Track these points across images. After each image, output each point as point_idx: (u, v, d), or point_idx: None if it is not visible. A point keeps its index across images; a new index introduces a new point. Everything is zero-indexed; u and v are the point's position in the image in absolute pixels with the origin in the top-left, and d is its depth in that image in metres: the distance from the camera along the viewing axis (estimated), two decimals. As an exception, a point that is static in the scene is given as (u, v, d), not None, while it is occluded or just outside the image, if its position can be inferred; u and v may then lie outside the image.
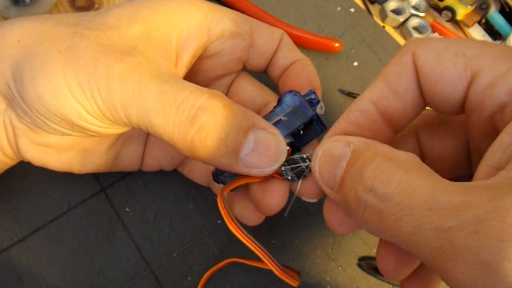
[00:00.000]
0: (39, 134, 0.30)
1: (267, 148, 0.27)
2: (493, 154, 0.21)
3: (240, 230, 0.27)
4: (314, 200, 0.29)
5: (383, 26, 0.52)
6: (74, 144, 0.33)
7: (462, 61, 0.23)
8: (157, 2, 0.31)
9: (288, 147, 0.28)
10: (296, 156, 0.29)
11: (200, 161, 0.27)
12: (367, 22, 0.51)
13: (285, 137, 0.29)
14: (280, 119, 0.29)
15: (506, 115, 0.21)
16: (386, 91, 0.25)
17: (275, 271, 0.28)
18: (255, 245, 0.27)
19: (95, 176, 0.39)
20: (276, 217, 0.30)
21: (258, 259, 0.33)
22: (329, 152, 0.25)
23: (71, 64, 0.26)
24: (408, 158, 0.22)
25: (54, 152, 0.32)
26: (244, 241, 0.27)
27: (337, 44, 0.47)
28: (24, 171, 0.39)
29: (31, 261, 0.36)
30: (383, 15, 0.52)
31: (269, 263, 0.28)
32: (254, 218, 0.33)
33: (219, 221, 0.39)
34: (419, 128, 0.30)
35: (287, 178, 0.29)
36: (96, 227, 0.38)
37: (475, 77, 0.22)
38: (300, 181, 0.29)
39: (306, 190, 0.29)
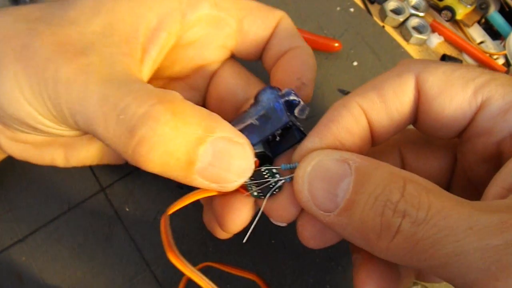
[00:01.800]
0: (13, 132, 0.29)
1: (229, 161, 0.23)
2: (505, 177, 0.21)
3: (181, 259, 0.24)
4: (284, 224, 0.26)
5: (383, 26, 0.52)
6: (52, 141, 0.32)
7: (472, 86, 0.23)
8: None
9: (256, 159, 0.25)
10: (263, 169, 0.25)
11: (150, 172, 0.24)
12: (367, 22, 0.51)
13: (254, 145, 0.25)
14: (252, 123, 0.25)
15: None
16: (378, 104, 0.24)
17: None
18: (199, 277, 0.24)
19: (95, 176, 0.40)
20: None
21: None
22: (323, 169, 0.22)
23: (23, 65, 0.24)
24: (426, 180, 0.21)
25: (34, 148, 0.31)
26: (186, 272, 0.24)
27: (337, 44, 0.47)
28: (24, 171, 0.39)
29: (31, 261, 0.36)
30: (383, 15, 0.52)
31: None
32: (221, 232, 0.29)
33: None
34: (402, 143, 0.29)
35: (252, 194, 0.25)
36: (96, 227, 0.38)
37: (486, 104, 0.23)
38: (265, 199, 0.25)
39: (275, 212, 0.25)
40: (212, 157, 0.23)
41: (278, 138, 0.26)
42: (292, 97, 0.25)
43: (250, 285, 0.36)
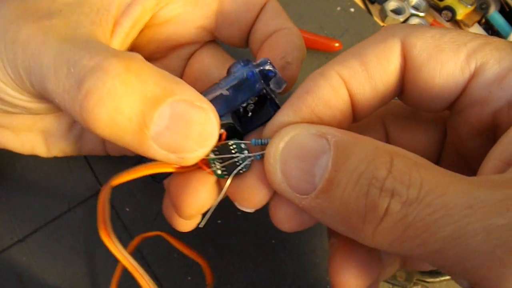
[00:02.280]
0: None
1: (189, 125, 0.21)
2: (504, 149, 0.19)
3: (112, 239, 0.22)
4: (251, 210, 0.23)
5: (383, 26, 0.52)
6: (31, 125, 0.31)
7: (464, 51, 0.20)
8: None
9: (223, 130, 0.22)
10: (231, 143, 0.22)
11: (103, 138, 0.22)
12: (367, 22, 0.51)
13: (222, 116, 0.22)
14: (221, 93, 0.23)
15: None
16: (360, 73, 0.21)
17: None
18: (129, 262, 0.23)
19: (95, 176, 0.39)
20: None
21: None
22: (298, 145, 0.20)
23: None
24: (415, 155, 0.19)
25: (12, 134, 0.31)
26: (116, 254, 0.22)
27: (337, 44, 0.47)
28: (24, 171, 0.39)
29: (31, 261, 0.36)
30: (383, 15, 0.52)
31: (143, 283, 0.23)
32: (179, 221, 0.27)
33: (219, 221, 0.39)
34: (386, 116, 0.27)
35: (215, 172, 0.22)
36: (96, 227, 0.38)
37: (480, 70, 0.20)
38: (230, 179, 0.22)
39: (241, 194, 0.22)
40: (169, 120, 0.21)
41: (250, 114, 0.24)
42: (267, 67, 0.23)
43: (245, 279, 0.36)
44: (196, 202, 0.23)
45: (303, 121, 0.21)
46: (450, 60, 0.20)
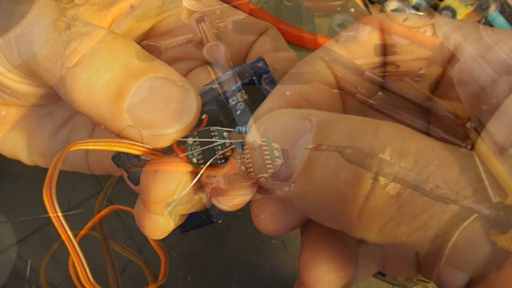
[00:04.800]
0: None
1: (167, 100, 0.20)
2: (499, 129, 0.17)
3: (52, 201, 0.21)
4: (226, 207, 0.21)
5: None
6: (14, 121, 0.31)
7: (441, 30, 0.20)
8: None
9: (205, 115, 0.21)
10: (213, 128, 0.21)
11: (76, 107, 0.21)
12: (367, 22, 0.51)
13: (206, 104, 0.21)
14: (211, 87, 0.22)
15: (500, 89, 0.18)
16: (344, 56, 0.21)
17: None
18: (62, 228, 0.22)
19: (95, 176, 0.39)
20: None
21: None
22: (279, 129, 0.18)
23: None
24: (406, 127, 0.16)
25: None
26: (51, 215, 0.21)
27: (337, 44, 0.47)
28: (24, 171, 0.39)
29: (31, 261, 0.36)
30: (383, 15, 0.52)
31: (80, 269, 0.23)
32: (149, 224, 0.24)
33: (219, 221, 0.39)
34: (367, 112, 0.26)
35: (190, 160, 0.21)
36: (96, 226, 0.38)
37: (460, 48, 0.19)
38: (204, 168, 0.20)
39: (218, 188, 0.20)
40: (147, 93, 0.20)
41: (239, 112, 0.22)
42: (260, 64, 0.23)
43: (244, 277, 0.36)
44: (165, 185, 0.21)
45: (291, 106, 0.20)
46: (428, 37, 0.20)
